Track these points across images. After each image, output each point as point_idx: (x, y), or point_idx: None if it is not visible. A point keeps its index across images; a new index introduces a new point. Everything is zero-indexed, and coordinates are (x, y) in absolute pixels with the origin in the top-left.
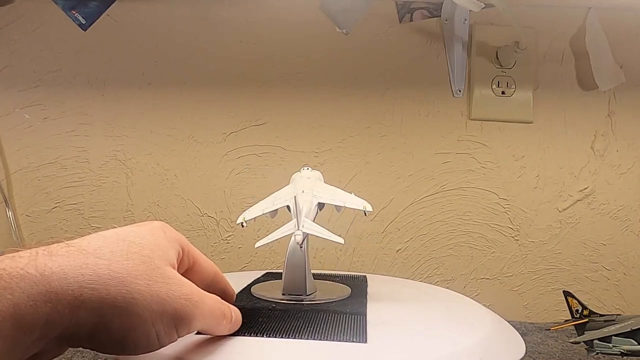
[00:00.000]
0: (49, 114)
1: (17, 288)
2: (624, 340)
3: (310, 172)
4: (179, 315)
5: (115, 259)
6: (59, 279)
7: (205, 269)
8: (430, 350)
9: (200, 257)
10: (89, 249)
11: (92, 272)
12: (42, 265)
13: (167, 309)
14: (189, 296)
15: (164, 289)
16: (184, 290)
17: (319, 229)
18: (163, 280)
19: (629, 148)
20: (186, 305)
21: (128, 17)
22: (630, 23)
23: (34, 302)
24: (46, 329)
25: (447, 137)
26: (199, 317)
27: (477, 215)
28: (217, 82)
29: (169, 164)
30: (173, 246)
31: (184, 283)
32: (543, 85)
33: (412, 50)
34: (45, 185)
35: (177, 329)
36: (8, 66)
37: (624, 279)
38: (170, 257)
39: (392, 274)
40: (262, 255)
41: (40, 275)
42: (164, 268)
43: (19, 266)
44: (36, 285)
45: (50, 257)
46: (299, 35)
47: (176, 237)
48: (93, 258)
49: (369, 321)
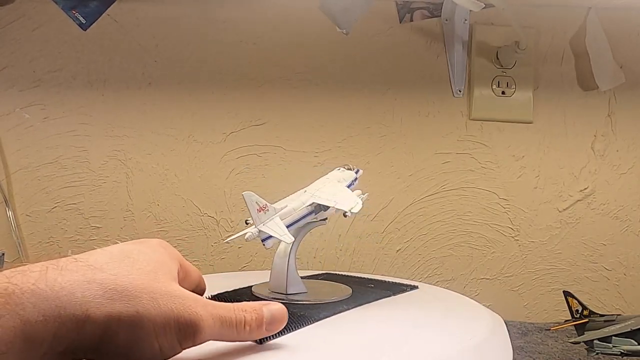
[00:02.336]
0: (49, 114)
1: (29, 304)
2: (624, 341)
3: (338, 172)
4: (183, 329)
5: (121, 274)
6: (68, 294)
7: (193, 276)
8: (430, 350)
9: (190, 268)
10: (96, 265)
11: (98, 287)
12: (52, 280)
13: (171, 322)
14: (193, 309)
15: (168, 304)
16: (188, 303)
17: (276, 228)
18: (167, 294)
19: (629, 148)
20: (189, 319)
21: (128, 17)
22: (630, 23)
23: (44, 317)
24: (54, 344)
25: (447, 137)
26: (206, 329)
27: (477, 215)
28: (217, 82)
29: (169, 164)
30: (174, 262)
31: (187, 296)
32: (543, 85)
33: (412, 50)
34: (45, 185)
35: (181, 342)
36: (8, 66)
37: (624, 279)
38: (172, 272)
39: (392, 274)
40: (262, 255)
41: (50, 291)
42: (168, 283)
43: (30, 281)
44: (46, 301)
45: (60, 272)
46: (299, 35)
47: (174, 252)
48: (100, 273)
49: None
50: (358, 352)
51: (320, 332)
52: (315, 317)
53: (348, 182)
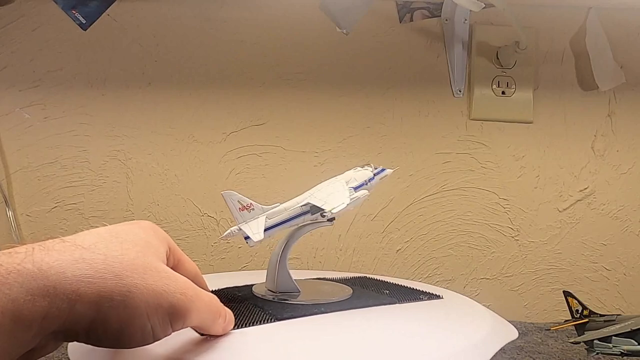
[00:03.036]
0: (49, 114)
1: (15, 283)
2: (624, 340)
3: (352, 172)
4: (174, 310)
5: (111, 253)
6: (57, 273)
7: (188, 269)
8: (430, 350)
9: (183, 257)
10: (84, 244)
11: (88, 267)
12: (39, 260)
13: (163, 302)
14: (184, 291)
15: (160, 283)
16: (180, 284)
17: (253, 227)
18: (158, 274)
19: (629, 148)
20: (181, 300)
21: (128, 17)
22: (630, 23)
23: (32, 296)
24: (44, 324)
25: (447, 137)
26: (195, 312)
27: (477, 215)
28: (217, 82)
29: (169, 164)
30: (162, 244)
31: (178, 278)
32: (543, 85)
33: (412, 50)
34: (45, 185)
35: (172, 323)
36: (8, 66)
37: (624, 279)
38: (161, 254)
39: (392, 274)
40: (262, 255)
41: (37, 270)
42: (158, 263)
43: (15, 262)
44: (34, 280)
45: (47, 252)
46: (299, 35)
47: (164, 236)
48: (89, 253)
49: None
50: (357, 351)
51: (323, 330)
52: (309, 313)
53: (360, 182)
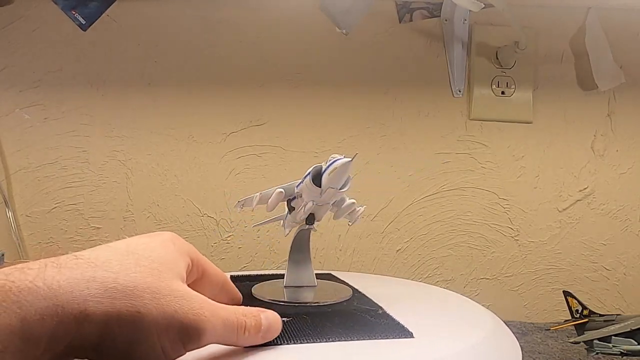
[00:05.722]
0: (49, 114)
1: (25, 302)
2: (624, 340)
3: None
4: (186, 330)
5: (123, 272)
6: (65, 293)
7: (214, 278)
8: (430, 350)
9: (209, 267)
10: (97, 262)
11: (98, 286)
12: (50, 278)
13: (174, 323)
14: (198, 311)
15: (172, 303)
16: (193, 304)
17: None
18: (171, 294)
19: (629, 148)
20: (194, 321)
21: (128, 17)
22: (630, 23)
23: (41, 316)
24: (52, 343)
25: (447, 137)
26: (210, 331)
27: (477, 215)
28: (217, 82)
29: (169, 164)
30: (183, 258)
31: (192, 297)
32: (543, 85)
33: (412, 50)
34: (45, 186)
35: (185, 344)
36: (8, 66)
37: (624, 279)
38: (180, 270)
39: (392, 274)
40: (262, 255)
41: (47, 289)
42: (173, 282)
43: (28, 279)
44: (44, 299)
45: (59, 270)
46: (299, 35)
47: (186, 248)
48: (101, 271)
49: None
50: (356, 351)
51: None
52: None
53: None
